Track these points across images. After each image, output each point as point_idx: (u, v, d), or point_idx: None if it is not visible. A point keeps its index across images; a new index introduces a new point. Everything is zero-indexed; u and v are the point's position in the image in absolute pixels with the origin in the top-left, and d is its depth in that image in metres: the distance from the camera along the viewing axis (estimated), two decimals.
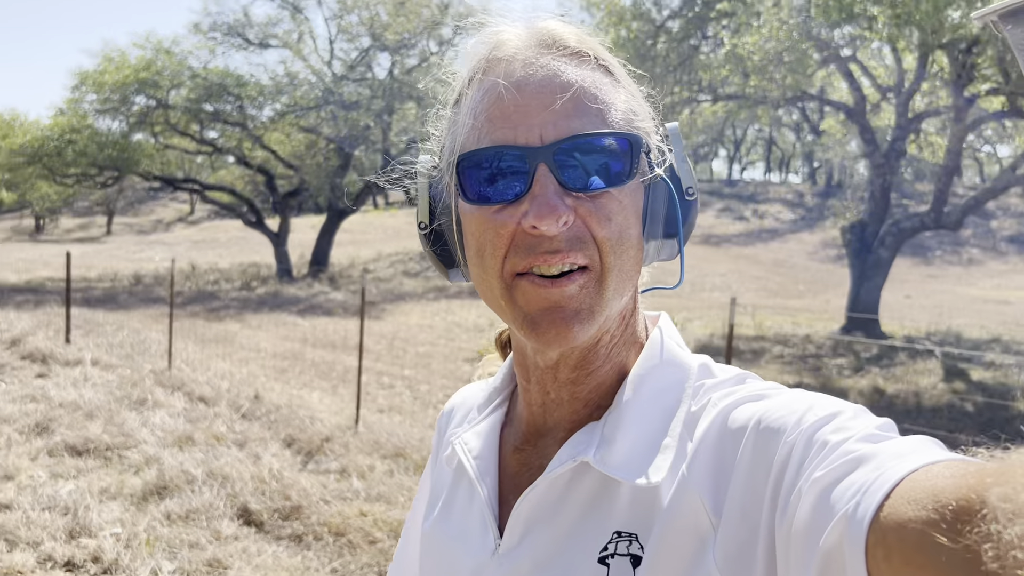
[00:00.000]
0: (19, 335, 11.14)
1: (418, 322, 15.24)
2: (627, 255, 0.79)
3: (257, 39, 22.74)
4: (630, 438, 0.80)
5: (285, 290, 19.51)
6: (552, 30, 0.83)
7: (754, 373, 0.86)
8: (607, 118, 0.78)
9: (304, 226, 33.67)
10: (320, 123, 22.42)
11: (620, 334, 0.87)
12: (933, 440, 0.65)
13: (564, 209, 0.74)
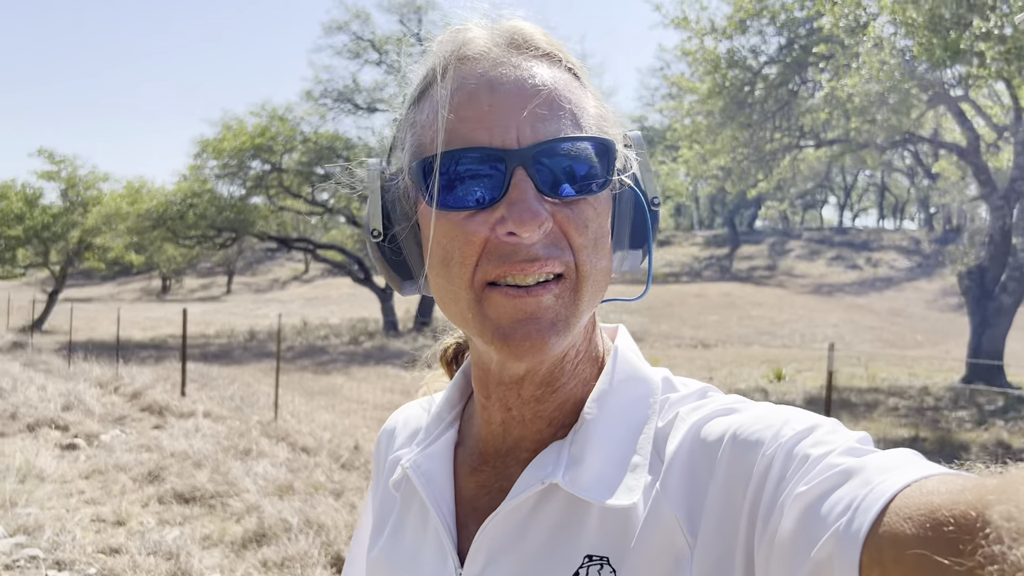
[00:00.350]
0: (140, 388, 11.78)
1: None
2: (601, 264, 0.76)
3: (365, 103, 23.72)
4: (599, 457, 0.76)
5: (391, 344, 19.96)
6: (522, 30, 0.79)
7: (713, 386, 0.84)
8: (580, 122, 0.75)
9: None
10: None
11: (585, 348, 0.83)
12: (915, 453, 0.63)
13: (545, 215, 0.70)
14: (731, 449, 0.70)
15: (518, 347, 0.72)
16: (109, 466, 7.80)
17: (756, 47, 12.56)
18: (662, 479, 0.74)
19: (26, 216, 24.67)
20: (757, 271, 41.16)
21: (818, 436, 0.66)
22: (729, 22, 12.06)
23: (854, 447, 0.64)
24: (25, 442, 9.06)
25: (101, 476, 7.60)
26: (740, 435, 0.70)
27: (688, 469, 0.73)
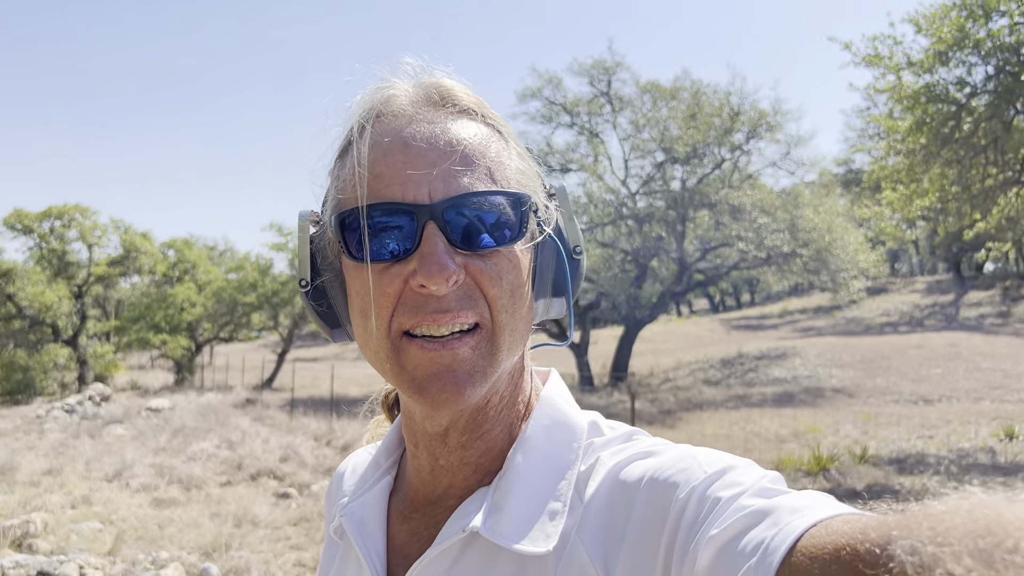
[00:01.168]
0: (349, 441, 12.58)
1: (714, 431, 14.81)
2: (519, 313, 0.77)
3: (558, 164, 24.30)
4: (521, 504, 0.77)
5: (585, 399, 20.00)
6: (441, 86, 0.81)
7: (642, 429, 0.84)
8: (496, 176, 0.77)
9: (608, 337, 34.51)
10: (617, 237, 23.20)
11: (510, 394, 0.84)
12: (825, 494, 0.64)
13: (453, 268, 0.72)
14: (647, 492, 0.71)
15: (435, 398, 0.74)
16: (314, 514, 8.38)
17: (960, 78, 11.73)
18: (580, 524, 0.74)
19: (259, 284, 27.10)
20: (987, 319, 37.51)
21: (731, 477, 0.67)
22: (926, 55, 11.38)
23: (766, 488, 0.65)
24: (247, 490, 9.92)
25: (307, 523, 8.17)
26: (656, 478, 0.71)
27: (606, 513, 0.74)
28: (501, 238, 0.75)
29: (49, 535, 7.39)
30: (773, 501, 0.62)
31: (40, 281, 25.50)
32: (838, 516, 0.58)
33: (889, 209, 13.93)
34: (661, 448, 0.77)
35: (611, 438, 0.82)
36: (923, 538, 0.48)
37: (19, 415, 18.77)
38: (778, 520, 0.59)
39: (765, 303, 49.12)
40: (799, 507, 0.60)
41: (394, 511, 0.90)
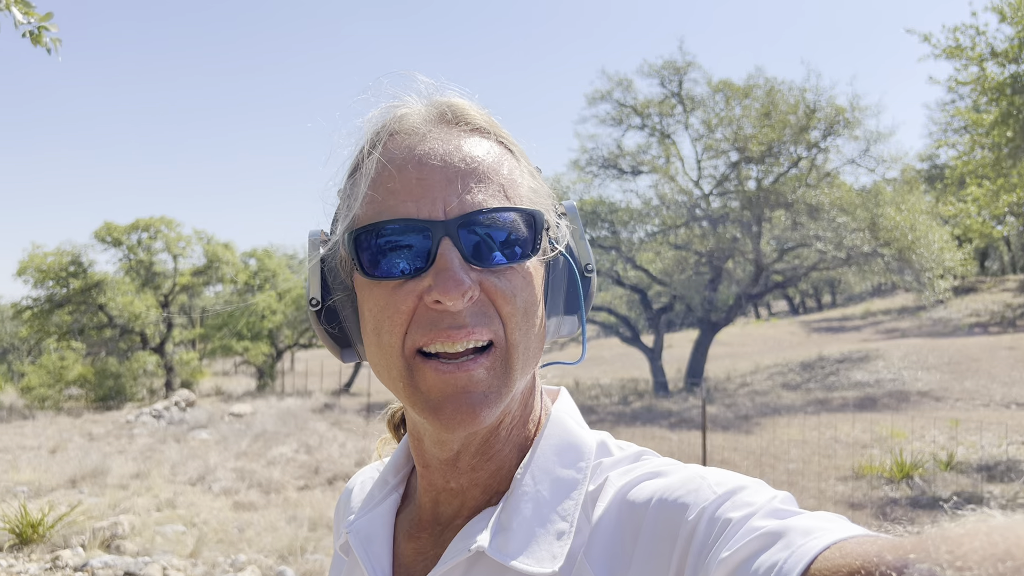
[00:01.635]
0: None
1: (793, 437, 14.47)
2: (532, 331, 0.77)
3: (629, 167, 24.15)
4: (527, 524, 0.76)
5: (660, 404, 19.79)
6: (453, 105, 0.81)
7: (651, 449, 0.82)
8: (509, 193, 0.77)
9: (684, 340, 34.09)
10: (690, 239, 22.91)
11: (520, 414, 0.84)
12: (837, 515, 0.63)
13: (469, 283, 0.71)
14: (656, 514, 0.70)
15: (449, 420, 0.73)
16: None
17: None
18: (587, 545, 0.74)
19: None
20: None
21: (741, 498, 0.66)
22: (1011, 44, 10.89)
23: (777, 508, 0.64)
24: (323, 494, 10.11)
25: None
26: (665, 499, 0.70)
27: (614, 534, 0.73)
28: (514, 255, 0.75)
29: (136, 536, 7.67)
30: (785, 522, 0.61)
31: (129, 291, 26.54)
32: (852, 538, 0.57)
33: (975, 206, 13.40)
34: (670, 468, 0.76)
35: (620, 458, 0.81)
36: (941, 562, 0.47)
37: (111, 420, 19.57)
38: (791, 542, 0.58)
39: (847, 304, 47.76)
40: (812, 528, 0.59)
41: (400, 529, 0.90)
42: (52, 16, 3.97)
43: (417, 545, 0.86)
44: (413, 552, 0.86)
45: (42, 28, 4.04)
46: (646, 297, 24.31)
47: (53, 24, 4.04)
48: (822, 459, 11.97)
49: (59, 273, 25.57)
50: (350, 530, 0.89)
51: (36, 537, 7.43)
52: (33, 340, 27.38)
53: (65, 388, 24.80)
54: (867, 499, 9.10)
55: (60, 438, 15.95)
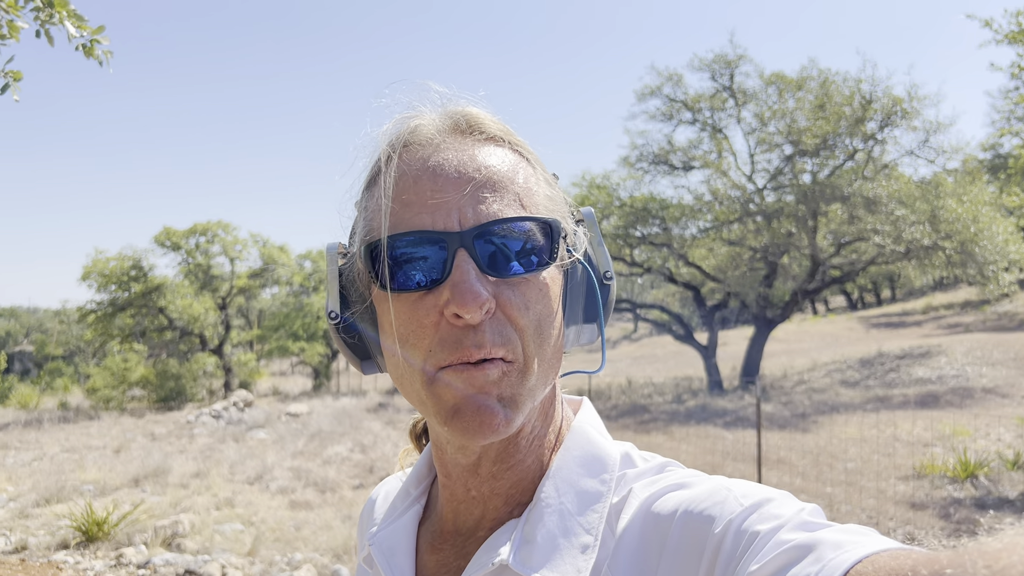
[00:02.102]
0: None
1: (851, 435, 14.17)
2: (548, 343, 0.76)
3: (680, 163, 23.89)
4: (551, 536, 0.75)
5: (714, 402, 19.56)
6: (468, 114, 0.81)
7: (677, 461, 0.80)
8: (525, 203, 0.76)
9: (739, 338, 33.64)
10: (744, 235, 22.59)
11: (540, 425, 0.83)
12: (866, 528, 0.61)
13: (486, 296, 0.71)
14: (682, 526, 0.69)
15: (468, 425, 0.72)
16: None
17: None
18: (612, 557, 0.73)
19: None
20: None
21: (768, 510, 0.65)
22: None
23: (806, 521, 0.63)
24: None
25: None
26: (691, 511, 0.69)
27: (639, 547, 0.72)
28: (531, 264, 0.75)
29: (196, 535, 7.85)
30: (815, 535, 0.60)
31: (188, 294, 27.17)
32: (885, 551, 0.55)
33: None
34: (695, 480, 0.75)
35: (644, 469, 0.80)
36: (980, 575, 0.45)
37: (172, 420, 20.06)
38: (821, 556, 0.57)
39: (907, 299, 46.62)
40: (843, 542, 0.58)
41: (423, 541, 0.90)
42: (104, 29, 4.09)
43: (440, 557, 0.86)
44: (435, 564, 0.86)
45: (94, 41, 4.16)
46: (699, 294, 24.03)
47: (105, 37, 4.15)
48: (882, 458, 11.70)
49: (121, 277, 26.28)
50: (372, 542, 0.89)
51: (101, 535, 7.64)
52: (97, 343, 28.17)
53: (128, 389, 25.49)
54: (929, 499, 8.86)
55: (124, 438, 16.40)
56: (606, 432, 0.86)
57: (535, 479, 0.82)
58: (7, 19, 3.99)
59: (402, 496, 0.94)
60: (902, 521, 8.05)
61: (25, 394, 28.06)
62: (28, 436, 17.17)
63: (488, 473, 0.82)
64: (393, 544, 0.88)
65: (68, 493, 9.94)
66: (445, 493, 0.88)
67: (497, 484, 0.83)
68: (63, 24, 3.93)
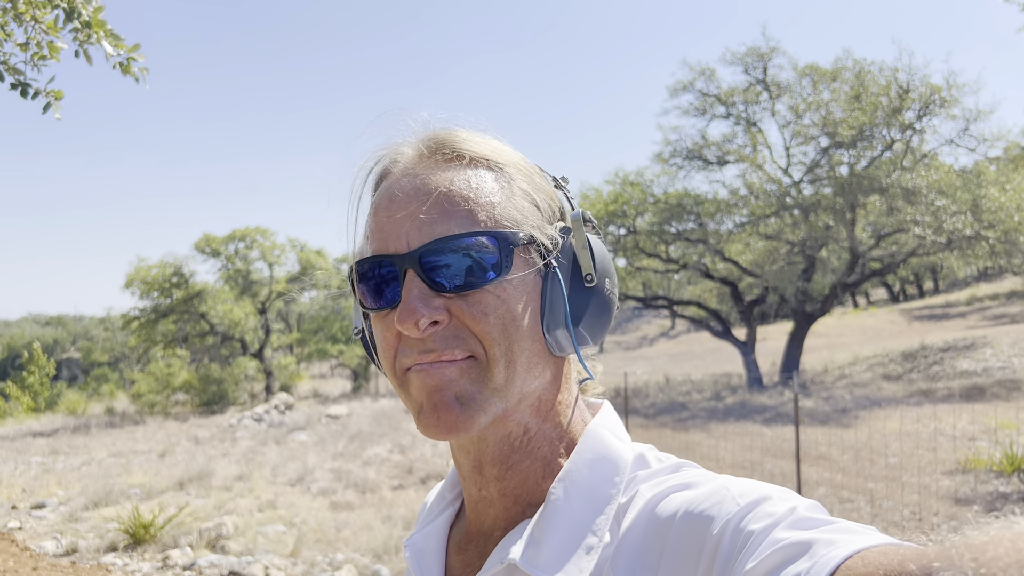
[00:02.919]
0: None
1: (895, 429, 13.96)
2: (517, 346, 0.79)
3: (715, 158, 23.68)
4: (558, 537, 0.77)
5: (754, 399, 19.38)
6: (436, 137, 0.85)
7: (693, 462, 0.82)
8: (480, 216, 0.79)
9: (778, 333, 33.27)
10: (781, 229, 22.34)
11: (537, 427, 0.85)
12: (862, 525, 0.63)
13: (425, 312, 0.76)
14: (682, 526, 0.71)
15: (428, 421, 0.78)
16: None
17: None
18: (614, 556, 0.75)
19: None
20: None
21: (764, 509, 0.67)
22: None
23: (803, 518, 0.64)
24: (417, 494, 10.30)
25: None
26: (691, 511, 0.71)
27: (640, 546, 0.74)
28: (481, 277, 0.78)
29: (239, 536, 7.98)
30: (810, 533, 0.61)
31: (228, 299, 27.58)
32: (875, 547, 0.57)
33: None
34: (699, 480, 0.76)
35: (655, 470, 0.82)
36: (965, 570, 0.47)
37: (215, 424, 20.38)
38: (814, 553, 0.58)
39: (950, 290, 45.72)
40: (836, 539, 0.59)
41: (452, 542, 0.94)
42: (139, 47, 4.19)
43: (464, 558, 0.90)
44: (461, 565, 0.90)
45: (131, 59, 4.27)
46: (737, 290, 23.82)
47: (140, 55, 4.26)
48: (925, 452, 11.51)
49: (163, 284, 26.77)
50: (407, 544, 0.95)
51: (148, 537, 7.81)
52: (141, 349, 28.70)
53: (172, 394, 25.96)
54: (975, 494, 8.71)
55: (168, 442, 16.71)
56: (624, 434, 0.88)
57: (542, 480, 0.85)
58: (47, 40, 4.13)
59: (438, 500, 1.00)
60: (946, 516, 7.93)
61: (73, 400, 28.71)
62: (76, 441, 17.58)
63: (491, 475, 0.86)
64: (424, 547, 0.93)
65: (116, 497, 10.17)
66: (465, 494, 0.92)
67: (503, 485, 0.86)
68: (100, 44, 4.05)
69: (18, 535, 8.37)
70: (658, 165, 23.79)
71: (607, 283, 0.86)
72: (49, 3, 3.91)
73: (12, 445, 17.23)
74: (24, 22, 4.03)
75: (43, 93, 4.20)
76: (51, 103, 4.18)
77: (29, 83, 4.16)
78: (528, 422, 0.84)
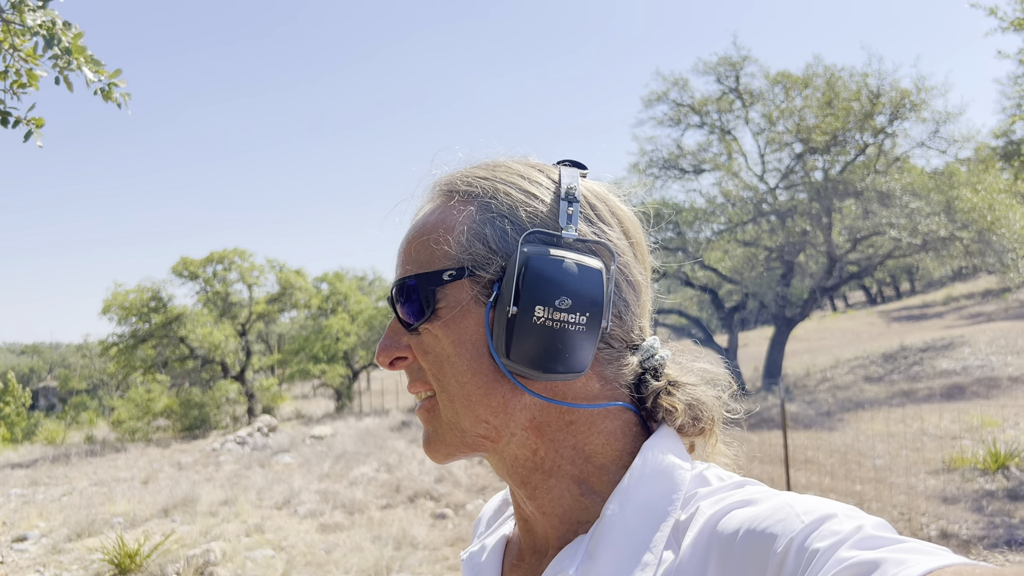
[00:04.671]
0: None
1: (878, 431, 14.05)
2: (454, 381, 0.83)
3: (691, 167, 23.86)
4: (613, 553, 0.77)
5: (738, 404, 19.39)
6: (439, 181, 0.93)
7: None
8: (415, 257, 0.87)
9: (759, 338, 33.45)
10: (759, 235, 22.51)
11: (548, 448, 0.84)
12: (933, 545, 0.61)
13: (392, 348, 0.87)
14: (744, 544, 0.69)
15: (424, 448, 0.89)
16: (469, 534, 8.54)
17: None
18: (674, 575, 0.74)
19: None
20: None
21: (830, 527, 0.65)
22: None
23: (869, 536, 0.63)
24: (406, 512, 10.23)
25: (463, 543, 8.34)
26: (753, 529, 0.69)
27: (701, 564, 0.73)
28: (414, 319, 0.86)
29: (227, 563, 7.88)
30: (877, 553, 0.60)
31: (208, 322, 27.32)
32: (948, 567, 0.55)
33: None
34: (762, 496, 0.75)
35: (716, 488, 0.80)
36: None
37: (197, 449, 20.16)
38: (883, 573, 0.57)
39: (927, 291, 46.23)
40: (905, 559, 0.58)
41: (508, 558, 0.95)
42: (120, 73, 4.17)
43: (519, 573, 0.92)
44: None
45: (112, 85, 4.25)
46: (717, 297, 23.95)
47: (122, 80, 4.24)
48: (911, 452, 11.60)
49: (141, 309, 26.48)
50: (464, 558, 0.98)
51: (134, 567, 7.70)
52: (120, 375, 28.36)
53: (153, 420, 25.64)
54: (961, 492, 8.78)
55: (151, 468, 16.50)
56: (683, 452, 0.86)
57: (583, 497, 0.85)
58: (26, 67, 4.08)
59: (496, 513, 1.05)
60: (934, 516, 7.98)
61: (52, 430, 28.27)
62: (57, 471, 17.31)
63: (522, 495, 0.88)
64: (479, 561, 0.96)
65: (99, 526, 10.02)
66: (515, 509, 0.94)
67: (537, 504, 0.87)
68: (81, 70, 4.01)
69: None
70: (635, 175, 23.91)
71: (539, 310, 0.79)
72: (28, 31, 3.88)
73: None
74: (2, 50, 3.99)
75: (24, 121, 4.16)
76: (32, 131, 4.14)
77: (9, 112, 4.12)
78: (534, 445, 0.85)
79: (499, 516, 1.00)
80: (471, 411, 0.83)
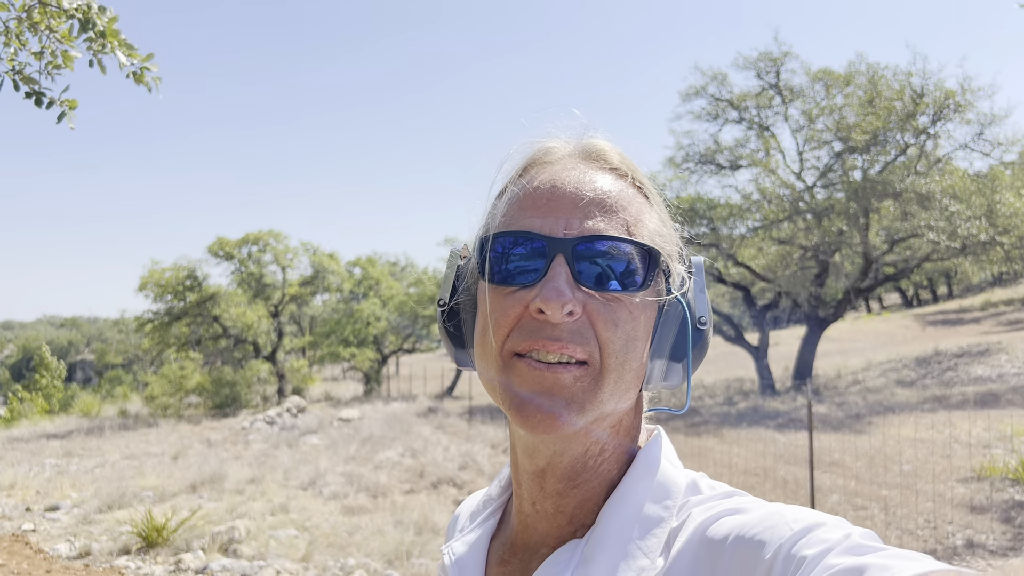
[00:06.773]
0: None
1: (908, 436, 13.87)
2: (629, 364, 0.79)
3: (727, 162, 23.62)
4: (609, 558, 0.77)
5: (767, 404, 19.29)
6: (596, 146, 0.87)
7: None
8: (632, 230, 0.80)
9: (791, 338, 33.13)
10: (794, 233, 22.25)
11: (612, 448, 0.85)
12: (918, 553, 0.62)
13: (571, 298, 0.75)
14: (734, 550, 0.70)
15: (530, 417, 0.77)
16: None
17: None
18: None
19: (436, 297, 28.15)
20: None
21: (818, 535, 0.66)
22: None
23: (856, 544, 0.64)
24: (428, 498, 10.31)
25: None
26: (743, 536, 0.71)
27: (691, 571, 0.74)
28: (623, 285, 0.79)
29: (251, 541, 8.01)
30: (863, 559, 0.61)
31: (241, 303, 27.67)
32: (933, 573, 0.56)
33: None
34: (751, 505, 0.76)
35: (708, 496, 0.82)
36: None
37: (227, 427, 20.45)
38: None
39: (964, 295, 45.43)
40: (890, 564, 0.59)
41: (494, 553, 0.93)
42: (152, 57, 4.24)
43: (506, 571, 0.90)
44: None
45: (144, 68, 4.32)
46: (749, 294, 23.74)
47: (154, 64, 4.31)
48: (940, 459, 11.43)
49: (176, 287, 26.89)
50: (446, 551, 0.96)
51: (160, 541, 7.84)
52: (155, 351, 28.84)
53: (185, 397, 26.06)
54: (990, 502, 8.64)
55: (181, 445, 16.78)
56: (676, 460, 0.88)
57: (600, 501, 0.85)
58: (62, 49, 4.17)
59: (481, 508, 1.00)
60: (961, 525, 7.87)
61: (87, 402, 28.86)
62: (90, 443, 17.68)
63: (553, 489, 0.85)
64: (463, 556, 0.93)
65: (129, 499, 10.22)
66: (516, 503, 0.92)
67: (561, 502, 0.85)
68: (115, 53, 4.09)
69: (32, 537, 8.42)
70: (670, 170, 23.74)
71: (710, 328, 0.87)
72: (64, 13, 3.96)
73: (26, 447, 17.34)
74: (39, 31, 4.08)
75: (58, 102, 4.24)
76: (65, 112, 4.23)
77: (44, 92, 4.21)
78: (606, 441, 0.85)
79: (486, 508, 0.98)
80: (624, 395, 0.81)
